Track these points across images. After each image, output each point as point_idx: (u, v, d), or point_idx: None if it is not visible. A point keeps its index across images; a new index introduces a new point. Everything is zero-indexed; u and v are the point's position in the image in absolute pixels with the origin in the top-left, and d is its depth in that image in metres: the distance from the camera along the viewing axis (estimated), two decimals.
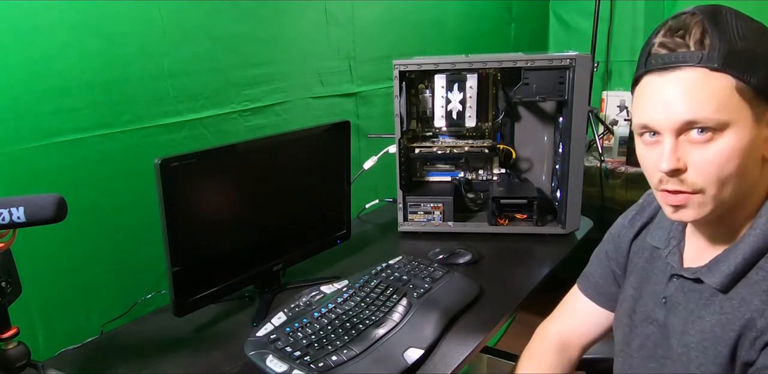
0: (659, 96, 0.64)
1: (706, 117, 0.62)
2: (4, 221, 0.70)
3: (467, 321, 1.05)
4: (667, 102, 0.64)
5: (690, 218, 0.68)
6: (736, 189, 0.65)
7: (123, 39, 1.09)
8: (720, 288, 0.68)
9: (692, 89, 0.62)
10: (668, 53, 0.64)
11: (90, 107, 1.06)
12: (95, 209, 1.09)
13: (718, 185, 0.64)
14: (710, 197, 0.65)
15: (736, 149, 0.62)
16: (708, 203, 0.65)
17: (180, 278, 0.98)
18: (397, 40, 1.82)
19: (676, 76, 0.63)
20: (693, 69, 0.62)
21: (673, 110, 0.63)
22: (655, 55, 0.65)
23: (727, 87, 0.61)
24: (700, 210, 0.66)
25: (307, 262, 1.27)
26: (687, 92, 0.62)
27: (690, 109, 0.62)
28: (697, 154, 0.64)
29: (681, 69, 0.63)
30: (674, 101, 0.63)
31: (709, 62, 0.61)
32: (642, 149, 0.70)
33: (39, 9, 0.97)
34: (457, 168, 1.62)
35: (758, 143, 0.64)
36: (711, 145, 0.63)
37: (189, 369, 0.95)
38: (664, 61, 0.64)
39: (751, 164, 0.64)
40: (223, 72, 1.30)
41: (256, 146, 1.13)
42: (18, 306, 0.78)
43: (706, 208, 0.66)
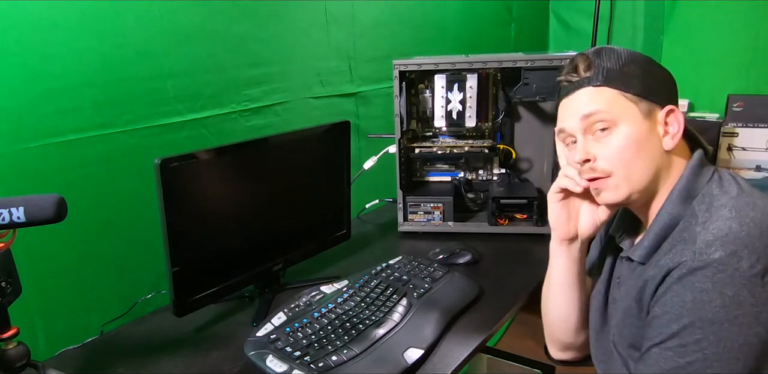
0: (568, 109, 0.85)
1: (599, 109, 0.80)
2: (4, 221, 0.70)
3: (467, 321, 1.05)
4: (573, 111, 0.83)
5: (611, 199, 0.82)
6: (642, 174, 0.80)
7: (123, 39, 1.09)
8: (641, 260, 0.81)
9: (588, 99, 0.82)
10: (569, 83, 0.85)
11: (90, 107, 1.06)
12: (95, 209, 1.09)
13: (623, 168, 0.80)
14: (621, 179, 0.80)
15: (631, 138, 0.79)
16: (621, 185, 0.80)
17: (180, 278, 0.98)
18: (397, 40, 1.82)
19: (576, 95, 0.83)
20: (585, 88, 0.82)
21: (578, 113, 0.82)
22: (563, 87, 0.86)
23: (614, 94, 0.80)
24: (617, 192, 0.81)
25: (307, 262, 1.27)
26: (585, 101, 0.82)
27: (588, 107, 0.81)
28: (602, 146, 0.81)
29: (578, 90, 0.83)
30: (578, 108, 0.83)
31: (594, 82, 0.81)
32: (564, 152, 0.89)
33: (39, 9, 0.97)
34: (457, 168, 1.62)
35: (653, 136, 0.80)
36: (610, 137, 0.80)
37: (189, 369, 0.95)
38: (567, 89, 0.85)
39: (650, 152, 0.80)
40: (223, 72, 1.30)
41: (256, 146, 1.13)
42: (18, 306, 0.78)
43: (621, 190, 0.81)
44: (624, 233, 0.91)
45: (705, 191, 0.78)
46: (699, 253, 0.70)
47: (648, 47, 2.49)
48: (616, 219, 0.95)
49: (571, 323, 0.98)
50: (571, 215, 0.93)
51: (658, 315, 0.73)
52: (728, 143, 1.98)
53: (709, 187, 0.79)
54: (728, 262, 0.68)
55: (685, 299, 0.70)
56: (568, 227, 0.94)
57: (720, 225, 0.72)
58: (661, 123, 0.80)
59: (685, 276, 0.70)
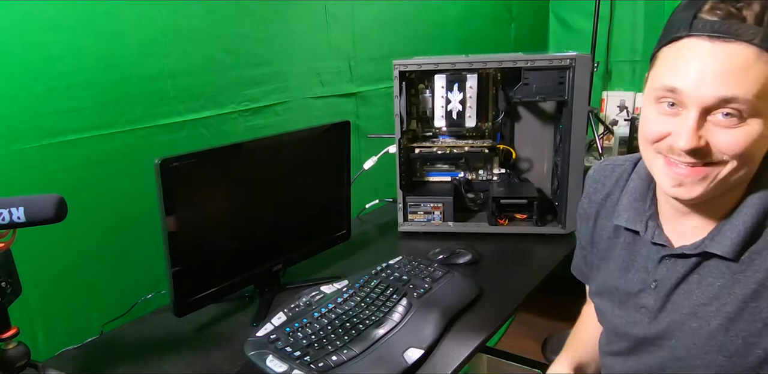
0: (701, 65, 0.60)
1: (745, 98, 0.59)
2: (4, 221, 0.70)
3: (467, 321, 1.05)
4: (707, 74, 0.59)
5: (692, 194, 0.65)
6: (746, 174, 0.64)
7: (123, 39, 1.09)
8: (731, 256, 0.67)
9: (739, 68, 0.58)
10: (721, 20, 0.59)
11: (90, 107, 1.06)
12: (95, 209, 1.09)
13: (736, 165, 0.62)
14: (722, 176, 0.63)
15: (759, 137, 0.61)
16: (717, 182, 0.64)
17: (180, 278, 0.98)
18: (397, 40, 1.82)
19: (726, 48, 0.59)
20: (746, 45, 0.58)
21: (713, 84, 0.59)
22: (705, 19, 0.59)
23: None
24: (705, 188, 0.64)
25: (307, 262, 1.27)
26: (732, 69, 0.58)
27: (732, 87, 0.59)
28: (723, 136, 0.61)
29: (732, 42, 0.58)
30: (717, 74, 0.59)
31: (764, 42, 0.58)
32: (652, 115, 0.66)
33: (39, 9, 0.97)
34: (457, 168, 1.62)
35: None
36: (739, 129, 0.61)
37: (189, 369, 0.95)
38: (714, 27, 0.59)
39: (762, 149, 0.64)
40: (223, 72, 1.30)
41: (256, 146, 1.13)
42: (18, 306, 0.78)
43: (712, 187, 0.64)
44: (655, 227, 0.76)
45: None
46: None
47: (648, 47, 2.49)
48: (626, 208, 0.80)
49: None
50: None
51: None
52: None
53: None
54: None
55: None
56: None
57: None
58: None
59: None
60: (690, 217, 0.72)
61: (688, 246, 0.71)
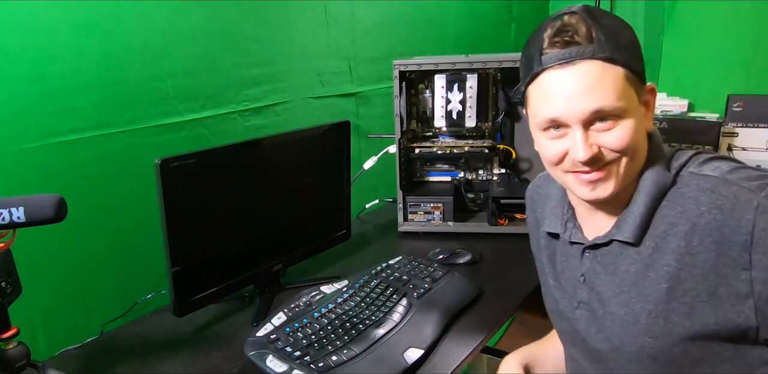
0: (563, 90, 0.69)
1: (610, 105, 0.68)
2: (4, 221, 0.70)
3: (467, 321, 1.05)
4: (571, 96, 0.69)
5: (607, 193, 0.73)
6: (638, 163, 0.73)
7: (123, 39, 1.09)
8: (633, 240, 0.73)
9: (594, 81, 0.68)
10: (562, 50, 0.68)
11: (90, 107, 1.06)
12: (95, 209, 1.09)
13: (628, 158, 0.71)
14: (622, 171, 0.71)
15: (635, 129, 0.70)
16: (620, 177, 0.72)
17: (180, 278, 0.98)
18: (397, 40, 1.82)
19: (575, 70, 0.68)
20: (589, 61, 0.68)
21: (579, 102, 0.68)
22: (549, 53, 0.69)
23: (621, 76, 0.68)
24: (614, 185, 0.72)
25: (307, 262, 1.27)
26: (589, 84, 0.68)
27: (595, 100, 0.68)
28: (607, 138, 0.70)
29: (577, 63, 0.68)
30: (578, 93, 0.68)
31: (601, 53, 0.67)
32: (545, 142, 0.75)
33: (39, 9, 0.97)
34: (457, 168, 1.62)
35: (643, 120, 0.72)
36: (617, 128, 0.69)
37: (189, 369, 0.95)
38: (559, 57, 0.68)
39: (643, 138, 0.73)
40: (223, 72, 1.30)
41: (256, 146, 1.13)
42: (18, 306, 0.78)
43: (618, 180, 0.72)
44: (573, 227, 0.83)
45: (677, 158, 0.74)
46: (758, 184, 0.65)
47: (648, 47, 2.48)
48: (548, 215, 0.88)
49: None
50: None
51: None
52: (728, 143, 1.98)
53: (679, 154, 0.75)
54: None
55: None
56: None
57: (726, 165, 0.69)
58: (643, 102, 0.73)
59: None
60: (599, 213, 0.79)
61: (600, 237, 0.78)
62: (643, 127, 0.73)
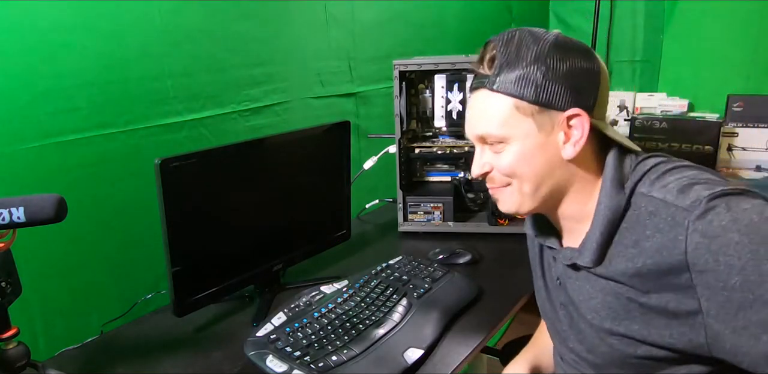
0: (468, 113, 0.80)
1: (490, 134, 0.76)
2: (4, 221, 0.70)
3: (467, 321, 1.05)
4: (470, 119, 0.79)
5: (508, 209, 0.80)
6: (535, 188, 0.76)
7: (123, 39, 1.09)
8: (592, 265, 0.75)
9: (481, 108, 0.76)
10: (473, 76, 0.78)
11: (90, 107, 1.06)
12: (95, 209, 1.09)
13: (518, 181, 0.76)
14: (516, 191, 0.77)
15: (524, 155, 0.74)
16: (516, 197, 0.78)
17: (180, 278, 0.98)
18: (397, 40, 1.82)
19: (475, 96, 0.78)
20: (482, 90, 0.76)
21: (473, 125, 0.78)
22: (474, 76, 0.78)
23: (506, 105, 0.73)
24: (513, 203, 0.79)
25: (307, 262, 1.27)
26: (479, 111, 0.77)
27: (480, 127, 0.77)
28: (496, 158, 0.77)
29: (476, 91, 0.77)
30: (473, 118, 0.78)
31: (489, 85, 0.74)
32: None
33: (39, 9, 0.97)
34: (457, 168, 1.62)
35: (548, 148, 0.74)
36: (503, 153, 0.76)
37: (189, 369, 0.95)
38: (473, 82, 0.78)
39: (543, 165, 0.75)
40: (223, 72, 1.30)
41: (256, 146, 1.13)
42: (18, 306, 0.78)
43: (517, 202, 0.78)
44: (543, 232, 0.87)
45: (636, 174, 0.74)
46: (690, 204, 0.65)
47: (648, 47, 2.49)
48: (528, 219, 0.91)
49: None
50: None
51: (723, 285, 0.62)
52: (728, 143, 1.98)
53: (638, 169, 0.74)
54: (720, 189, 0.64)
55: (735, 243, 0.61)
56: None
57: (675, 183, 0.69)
58: (563, 128, 0.73)
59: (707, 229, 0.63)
60: (563, 223, 0.83)
61: (567, 255, 0.80)
62: (544, 154, 0.74)
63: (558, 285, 0.85)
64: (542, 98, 0.72)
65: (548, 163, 0.75)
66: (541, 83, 0.72)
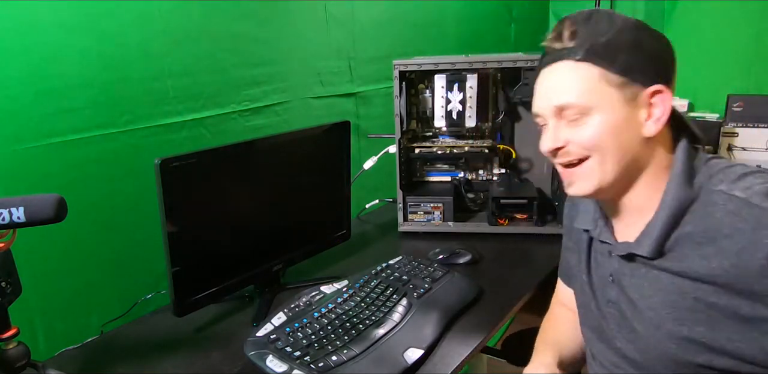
0: (542, 88, 0.78)
1: (571, 103, 0.73)
2: (4, 221, 0.70)
3: (467, 321, 1.05)
4: (546, 92, 0.77)
5: (584, 188, 0.76)
6: (616, 163, 0.73)
7: (123, 39, 1.09)
8: (650, 255, 0.73)
9: (561, 79, 0.74)
10: (550, 52, 0.76)
11: (90, 107, 1.06)
12: (95, 209, 1.09)
13: (599, 155, 0.73)
14: (597, 165, 0.74)
15: (609, 126, 0.72)
16: (596, 173, 0.74)
17: (180, 278, 0.98)
18: (397, 40, 1.82)
19: (551, 69, 0.75)
20: (563, 62, 0.74)
21: (549, 97, 0.76)
22: (543, 54, 0.77)
23: (593, 74, 0.72)
24: (592, 180, 0.75)
25: (307, 262, 1.27)
26: (557, 82, 0.75)
27: (559, 97, 0.74)
28: (573, 132, 0.74)
29: (554, 63, 0.75)
30: (550, 90, 0.76)
31: (572, 55, 0.73)
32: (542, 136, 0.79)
33: (38, 9, 0.97)
34: (457, 168, 1.62)
35: (632, 122, 0.73)
36: (584, 125, 0.73)
37: (189, 369, 0.95)
38: (546, 58, 0.76)
39: (627, 140, 0.73)
40: (223, 72, 1.30)
41: (256, 146, 1.13)
42: (18, 306, 0.78)
43: (597, 178, 0.74)
44: (603, 225, 0.84)
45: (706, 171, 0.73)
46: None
47: None
48: (581, 212, 0.89)
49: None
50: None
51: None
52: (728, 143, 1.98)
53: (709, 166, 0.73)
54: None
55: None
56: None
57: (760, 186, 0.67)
58: (645, 105, 0.72)
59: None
60: (620, 214, 0.80)
61: (623, 248, 0.78)
62: (629, 128, 0.73)
63: (610, 282, 0.82)
64: (629, 70, 0.71)
65: (631, 138, 0.73)
66: (628, 55, 0.71)
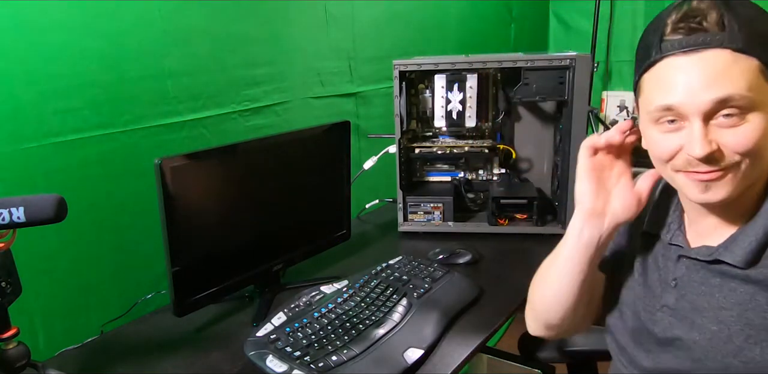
0: (685, 78, 0.63)
1: (739, 94, 0.61)
2: (4, 221, 0.70)
3: (467, 321, 1.05)
4: (693, 84, 0.62)
5: (720, 197, 0.66)
6: (761, 169, 0.65)
7: (123, 39, 1.09)
8: (744, 265, 0.66)
9: (721, 70, 0.61)
10: (687, 37, 0.63)
11: (90, 107, 1.06)
12: (95, 209, 1.09)
13: (749, 161, 0.64)
14: (741, 172, 0.64)
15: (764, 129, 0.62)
16: (738, 180, 0.65)
17: (180, 278, 0.98)
18: (397, 40, 1.82)
19: (702, 58, 0.62)
20: (717, 51, 0.61)
21: (704, 89, 0.62)
22: (672, 39, 0.64)
23: (754, 68, 0.61)
24: (730, 189, 0.65)
25: (307, 262, 1.27)
26: (716, 73, 0.62)
27: (721, 88, 0.61)
28: (729, 135, 0.63)
29: (704, 51, 0.62)
30: (702, 82, 0.62)
31: (732, 43, 0.61)
32: (657, 135, 0.68)
33: (39, 9, 0.97)
34: (457, 168, 1.62)
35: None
36: (742, 126, 0.62)
37: (189, 369, 0.95)
38: (683, 44, 0.63)
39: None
40: (223, 72, 1.30)
41: (256, 146, 1.13)
42: (18, 306, 0.78)
43: (738, 186, 0.65)
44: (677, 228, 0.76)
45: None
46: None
47: None
48: (652, 214, 0.81)
49: (564, 307, 0.86)
50: (603, 186, 0.76)
51: None
52: None
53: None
54: None
55: None
56: (597, 201, 0.76)
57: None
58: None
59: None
60: (710, 217, 0.72)
61: (703, 252, 0.71)
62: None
63: (672, 287, 0.75)
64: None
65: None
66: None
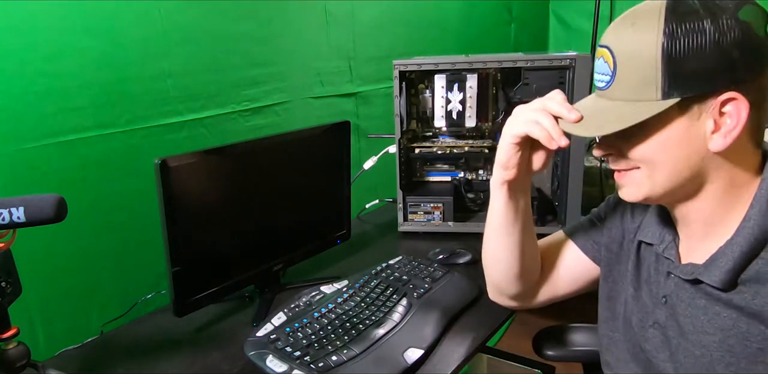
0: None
1: None
2: (4, 221, 0.70)
3: (467, 321, 1.05)
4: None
5: (631, 196, 0.71)
6: (667, 178, 0.67)
7: (123, 39, 1.09)
8: (721, 286, 0.65)
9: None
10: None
11: (90, 107, 1.06)
12: (95, 209, 1.09)
13: (646, 168, 0.68)
14: (645, 177, 0.68)
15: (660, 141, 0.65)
16: (643, 184, 0.69)
17: (180, 278, 0.98)
18: (397, 40, 1.82)
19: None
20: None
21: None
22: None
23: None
24: (638, 190, 0.70)
25: (307, 262, 1.27)
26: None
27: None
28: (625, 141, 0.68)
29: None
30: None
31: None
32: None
33: (39, 9, 0.97)
34: (457, 168, 1.61)
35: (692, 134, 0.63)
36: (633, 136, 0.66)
37: (189, 369, 0.95)
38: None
39: (689, 155, 0.65)
40: (223, 72, 1.30)
41: (256, 146, 1.13)
42: (18, 306, 0.78)
43: (643, 189, 0.69)
44: (670, 241, 0.76)
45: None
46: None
47: None
48: (647, 224, 0.80)
49: (505, 266, 0.92)
50: (522, 158, 0.83)
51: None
52: None
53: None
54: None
55: None
56: (514, 170, 0.84)
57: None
58: (713, 115, 0.62)
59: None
60: (691, 230, 0.73)
61: (688, 270, 0.71)
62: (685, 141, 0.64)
63: (662, 303, 0.74)
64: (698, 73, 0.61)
65: (689, 154, 0.64)
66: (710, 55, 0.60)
